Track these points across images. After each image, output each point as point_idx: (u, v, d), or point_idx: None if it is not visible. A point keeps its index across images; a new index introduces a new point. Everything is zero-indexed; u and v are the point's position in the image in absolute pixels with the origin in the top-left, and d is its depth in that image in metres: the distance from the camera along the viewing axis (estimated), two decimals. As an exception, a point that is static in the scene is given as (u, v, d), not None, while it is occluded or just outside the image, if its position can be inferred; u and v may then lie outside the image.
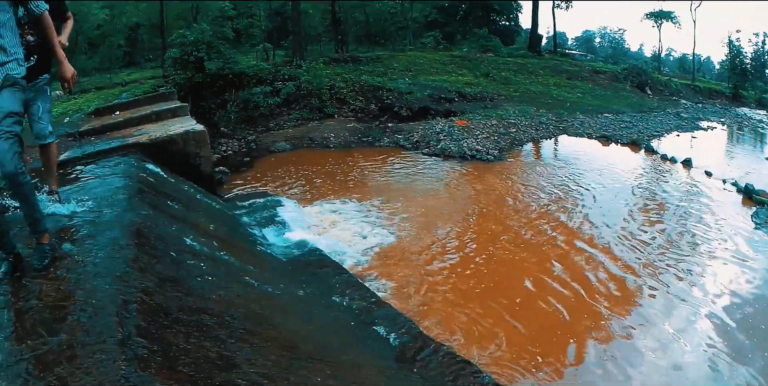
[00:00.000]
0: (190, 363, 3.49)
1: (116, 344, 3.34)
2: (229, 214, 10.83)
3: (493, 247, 10.81)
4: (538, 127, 22.54)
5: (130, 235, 5.47)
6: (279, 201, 12.92)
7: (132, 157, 9.54)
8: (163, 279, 4.82)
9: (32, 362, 3.29)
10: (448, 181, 15.70)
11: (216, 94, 26.64)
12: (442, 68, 32.35)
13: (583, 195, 14.02)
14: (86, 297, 3.99)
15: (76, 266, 4.60)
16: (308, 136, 22.71)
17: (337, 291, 7.61)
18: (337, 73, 28.72)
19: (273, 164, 19.62)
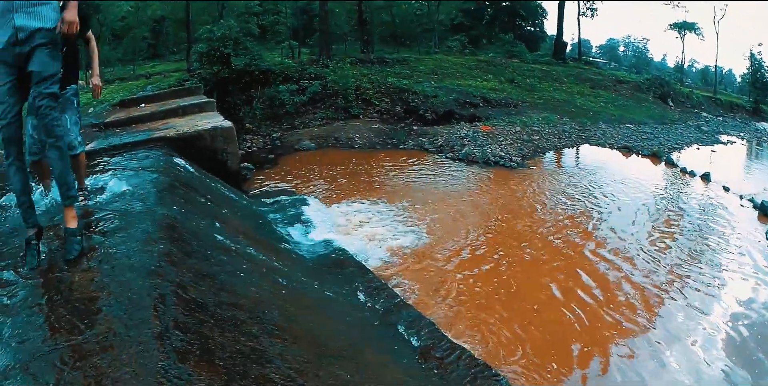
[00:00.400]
0: (226, 356, 3.60)
1: (155, 336, 3.42)
2: (255, 211, 10.88)
3: (514, 253, 10.84)
4: (561, 135, 22.53)
5: (163, 229, 5.57)
6: (304, 200, 13.05)
7: (160, 151, 9.71)
8: (197, 274, 4.88)
9: (68, 352, 3.36)
10: (472, 186, 15.72)
11: (242, 90, 26.83)
12: (467, 72, 32.33)
13: (604, 206, 13.96)
14: (122, 289, 4.09)
15: (109, 258, 4.72)
16: (333, 135, 22.88)
17: (361, 291, 7.71)
18: (363, 73, 28.83)
19: (297, 162, 19.73)
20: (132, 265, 4.55)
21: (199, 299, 4.34)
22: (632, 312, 8.56)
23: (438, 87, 27.68)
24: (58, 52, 5.05)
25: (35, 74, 4.81)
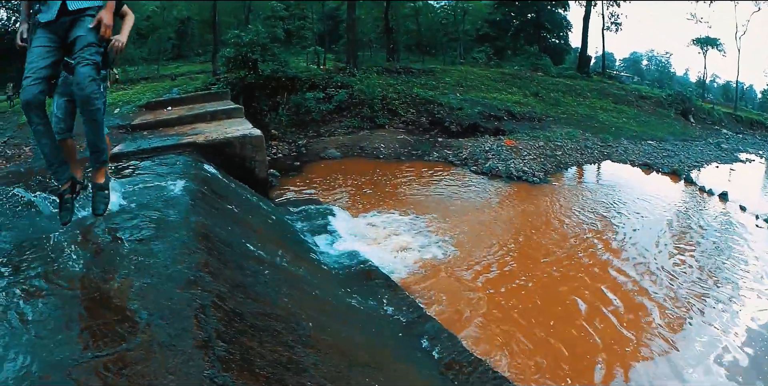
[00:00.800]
0: (265, 365, 3.73)
1: (198, 346, 3.55)
2: (283, 220, 10.90)
3: (535, 268, 11.03)
4: (584, 151, 22.62)
5: (198, 239, 5.63)
6: (331, 210, 13.07)
7: (189, 157, 9.84)
8: (234, 284, 4.97)
9: (112, 359, 3.41)
10: (495, 200, 15.88)
11: (268, 95, 27.08)
12: (492, 85, 32.47)
13: (624, 224, 14.09)
14: (162, 299, 4.17)
15: (147, 267, 4.76)
16: (359, 144, 23.08)
17: (386, 302, 7.85)
18: (389, 83, 29.05)
19: (323, 170, 19.96)
20: (170, 275, 4.65)
21: (237, 309, 4.46)
22: (651, 329, 8.76)
23: (463, 99, 27.79)
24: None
25: (80, 39, 4.98)
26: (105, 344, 3.52)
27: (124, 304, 4.17)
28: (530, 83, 34.01)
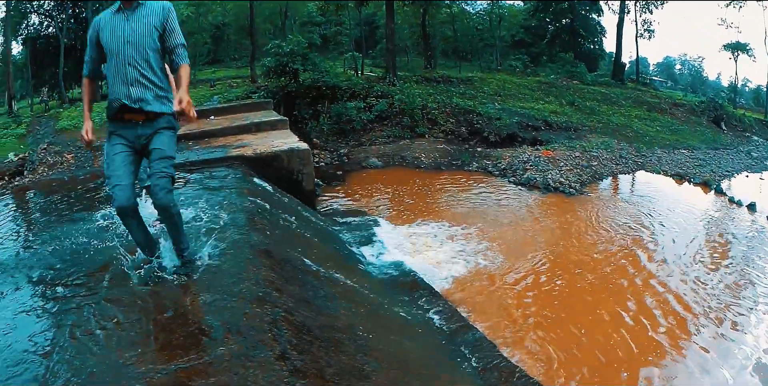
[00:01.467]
0: (334, 373, 4.13)
1: (276, 357, 3.90)
2: (331, 231, 11.21)
3: (572, 278, 11.26)
4: (619, 161, 22.76)
5: (260, 256, 6.05)
6: (375, 221, 13.52)
7: (238, 170, 10.20)
8: (297, 299, 5.34)
9: (196, 370, 3.74)
10: (533, 212, 16.15)
11: (309, 104, 27.45)
12: (530, 94, 32.66)
13: (657, 235, 14.12)
14: (235, 314, 4.50)
15: (218, 285, 5.14)
16: (399, 154, 23.46)
17: (430, 312, 8.12)
18: (429, 93, 29.34)
19: (365, 180, 20.38)
20: (241, 292, 4.99)
21: (304, 323, 4.83)
22: (685, 339, 8.95)
23: (501, 109, 28.02)
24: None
25: (156, 151, 5.22)
26: (187, 356, 3.90)
27: (201, 319, 4.56)
28: (566, 92, 34.09)
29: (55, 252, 6.59)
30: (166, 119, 5.21)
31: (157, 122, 5.16)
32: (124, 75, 5.10)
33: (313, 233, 9.31)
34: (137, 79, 5.10)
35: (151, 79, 5.15)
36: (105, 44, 5.18)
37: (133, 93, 5.09)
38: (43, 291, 5.44)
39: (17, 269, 6.15)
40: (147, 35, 5.13)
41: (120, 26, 5.13)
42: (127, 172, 5.11)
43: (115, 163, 5.13)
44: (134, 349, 4.02)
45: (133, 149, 5.20)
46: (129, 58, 5.08)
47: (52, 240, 7.05)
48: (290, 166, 11.96)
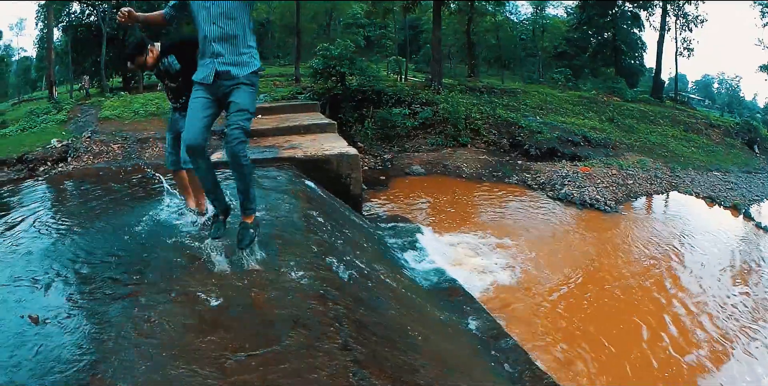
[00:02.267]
0: (389, 366, 4.37)
1: (340, 348, 4.17)
2: (377, 236, 11.37)
3: (602, 293, 11.70)
4: (653, 180, 22.77)
5: (321, 256, 6.30)
6: (418, 228, 13.62)
7: (290, 171, 10.43)
8: (355, 298, 5.60)
9: (268, 357, 4.00)
10: (569, 227, 16.41)
11: (354, 108, 27.96)
12: (570, 109, 32.85)
13: (686, 257, 14.40)
14: (300, 309, 4.78)
15: (281, 281, 5.37)
16: (442, 162, 23.91)
17: (468, 318, 8.36)
18: (473, 103, 29.61)
19: (408, 186, 20.84)
20: (303, 289, 5.25)
21: (361, 320, 5.09)
22: (704, 359, 9.32)
23: (543, 123, 28.24)
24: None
25: (233, 104, 5.54)
26: (258, 345, 4.17)
27: (268, 311, 4.85)
28: (606, 108, 34.14)
29: (125, 240, 6.87)
30: (247, 77, 5.57)
31: (237, 79, 5.54)
32: (212, 39, 5.52)
33: (362, 237, 9.60)
34: (226, 44, 5.51)
35: (236, 40, 5.56)
36: (196, 11, 5.59)
37: (215, 49, 5.50)
38: (112, 277, 5.68)
39: (90, 254, 6.47)
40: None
41: None
42: (201, 115, 5.60)
43: (192, 107, 5.66)
44: (206, 335, 4.40)
45: (213, 98, 5.64)
46: (214, 16, 5.46)
47: (120, 228, 7.35)
48: (339, 170, 12.21)
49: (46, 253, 6.66)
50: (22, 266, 6.12)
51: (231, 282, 5.29)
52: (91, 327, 4.56)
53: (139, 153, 18.86)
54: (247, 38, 5.57)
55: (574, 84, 45.81)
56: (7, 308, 5.04)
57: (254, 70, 5.60)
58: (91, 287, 5.40)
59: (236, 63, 5.50)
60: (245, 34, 5.55)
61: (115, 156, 19.38)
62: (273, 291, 5.17)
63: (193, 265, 5.74)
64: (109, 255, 6.18)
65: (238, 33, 5.49)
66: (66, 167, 18.51)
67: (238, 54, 5.51)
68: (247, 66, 5.53)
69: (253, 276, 5.43)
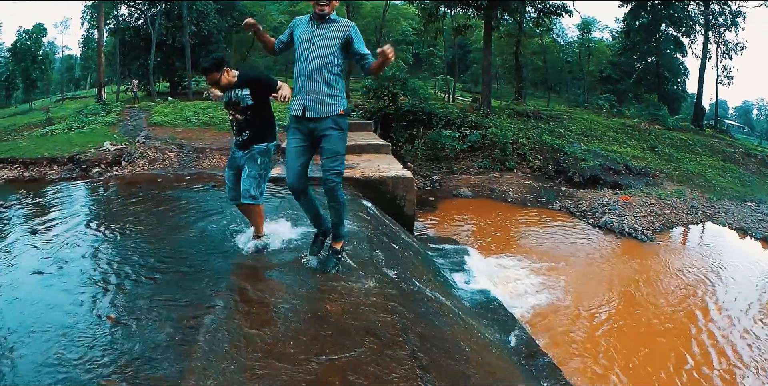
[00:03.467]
0: (447, 373, 4.81)
1: (407, 357, 4.58)
2: (428, 257, 11.60)
3: (635, 318, 11.99)
4: (689, 211, 22.78)
5: (384, 273, 6.78)
6: (465, 250, 14.03)
7: (347, 191, 10.21)
8: (415, 314, 6.02)
9: (345, 362, 4.43)
10: (607, 254, 16.58)
11: (405, 128, 28.50)
12: (614, 137, 33.05)
13: (718, 288, 14.36)
14: (370, 321, 5.25)
15: (352, 295, 5.87)
16: (489, 186, 24.28)
17: (509, 335, 8.88)
18: (520, 128, 30.20)
19: (455, 208, 21.35)
20: (372, 302, 5.75)
21: (423, 333, 5.52)
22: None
23: (587, 150, 28.49)
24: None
25: (326, 150, 6.04)
26: (337, 350, 4.59)
27: (345, 322, 5.22)
28: (648, 136, 34.25)
29: (203, 247, 7.62)
30: (334, 120, 5.99)
31: (326, 122, 5.97)
32: (305, 75, 5.98)
33: (415, 257, 9.93)
34: (316, 80, 5.95)
35: (327, 82, 5.97)
36: (296, 40, 6.15)
37: (307, 85, 5.97)
38: (191, 285, 6.24)
39: (163, 261, 7.11)
40: (330, 44, 5.94)
41: (310, 32, 6.02)
42: (298, 163, 6.09)
43: (290, 152, 6.11)
44: (289, 340, 4.82)
45: (308, 141, 6.09)
46: (313, 54, 5.93)
47: (195, 234, 8.23)
48: (394, 191, 12.63)
49: (133, 253, 7.60)
50: (97, 268, 7.01)
51: (311, 294, 5.90)
52: (174, 328, 5.10)
53: (196, 163, 18.96)
54: (337, 80, 6.05)
55: (618, 110, 45.96)
56: (88, 308, 5.72)
57: (340, 112, 6.04)
58: (168, 291, 6.08)
59: (324, 102, 5.97)
60: (336, 77, 6.04)
61: (171, 163, 19.33)
62: (347, 303, 5.68)
63: (276, 276, 6.42)
64: (187, 265, 6.89)
65: (329, 75, 5.98)
66: (121, 171, 18.70)
67: (327, 94, 5.97)
68: (333, 107, 5.99)
69: (330, 289, 6.03)
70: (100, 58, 39.94)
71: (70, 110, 35.59)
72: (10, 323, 5.37)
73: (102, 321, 5.35)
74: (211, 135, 24.56)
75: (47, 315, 5.56)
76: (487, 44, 36.17)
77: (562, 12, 34.76)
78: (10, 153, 21.12)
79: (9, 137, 28.00)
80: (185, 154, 20.22)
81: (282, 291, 6.01)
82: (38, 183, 17.42)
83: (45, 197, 14.46)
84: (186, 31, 48.52)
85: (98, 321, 5.36)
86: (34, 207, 12.95)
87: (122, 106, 34.29)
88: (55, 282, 6.59)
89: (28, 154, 20.75)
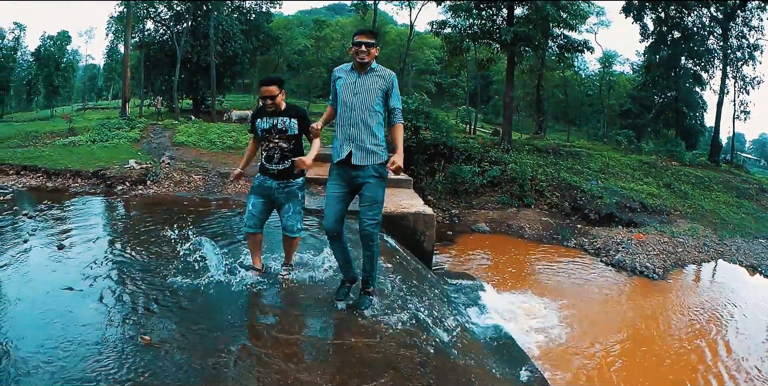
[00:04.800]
0: None
1: None
2: (444, 291, 11.73)
3: (644, 355, 12.21)
4: (701, 249, 22.79)
5: (404, 309, 7.13)
6: (481, 286, 14.07)
7: None
8: (433, 347, 6.45)
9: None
10: (619, 292, 16.88)
11: (426, 161, 28.85)
12: (630, 174, 33.17)
13: (728, 325, 14.63)
14: (391, 354, 5.70)
15: (376, 328, 6.24)
16: (506, 222, 24.47)
17: (520, 370, 8.95)
18: (539, 164, 30.41)
19: (473, 243, 21.56)
20: (393, 335, 6.10)
21: (438, 366, 5.98)
22: None
23: (604, 187, 28.62)
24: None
25: (365, 197, 6.19)
26: (359, 381, 5.06)
27: (367, 355, 5.61)
28: (664, 173, 34.33)
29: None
30: (375, 168, 6.18)
31: (368, 170, 6.15)
32: (348, 124, 6.19)
33: (432, 291, 10.12)
34: (359, 129, 6.16)
35: (370, 131, 6.20)
36: (339, 92, 6.29)
37: (350, 133, 6.18)
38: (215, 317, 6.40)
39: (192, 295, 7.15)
40: (372, 94, 6.16)
41: (352, 81, 6.22)
42: (337, 209, 6.26)
43: (330, 197, 6.27)
44: (314, 369, 5.16)
45: (348, 187, 6.26)
46: (354, 109, 6.15)
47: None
48: (415, 227, 12.81)
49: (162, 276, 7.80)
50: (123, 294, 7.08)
51: (338, 328, 6.25)
52: (204, 353, 5.33)
53: (221, 188, 18.77)
54: (379, 130, 6.26)
55: (636, 146, 46.11)
56: (121, 328, 5.90)
57: (382, 162, 6.21)
58: (198, 317, 6.33)
59: (367, 150, 6.17)
60: (378, 125, 6.26)
61: (197, 187, 19.17)
62: (369, 337, 5.97)
63: (303, 308, 6.81)
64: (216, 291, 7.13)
65: (372, 124, 6.21)
66: (146, 190, 18.42)
67: (370, 143, 6.17)
68: (377, 156, 6.20)
69: (355, 323, 6.31)
70: (125, 72, 40.40)
71: (92, 120, 36.12)
72: (47, 338, 5.60)
73: (137, 341, 5.60)
74: (235, 160, 24.31)
75: (81, 331, 5.81)
76: (510, 80, 36.61)
77: (583, 48, 35.03)
78: (33, 161, 21.27)
79: (30, 143, 28.33)
80: (210, 178, 20.14)
81: (309, 323, 6.44)
82: (60, 194, 17.52)
83: (70, 210, 14.63)
84: (212, 51, 49.46)
85: (132, 341, 5.61)
86: (59, 220, 13.11)
87: (146, 121, 34.81)
88: (86, 300, 6.86)
89: (51, 164, 20.83)
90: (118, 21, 59.96)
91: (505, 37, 31.76)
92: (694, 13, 48.61)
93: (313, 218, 12.21)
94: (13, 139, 30.25)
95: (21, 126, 39.90)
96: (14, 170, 20.80)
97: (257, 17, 61.27)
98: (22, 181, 19.72)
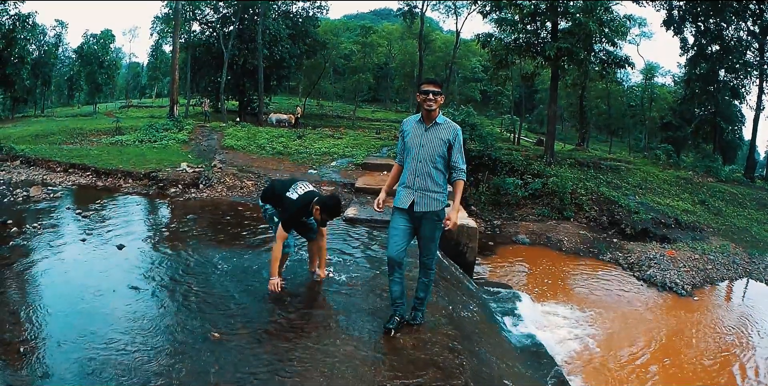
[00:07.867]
0: None
1: (463, 385, 5.56)
2: (483, 300, 12.13)
3: (670, 368, 12.58)
4: (730, 266, 22.77)
5: (448, 318, 7.59)
6: (518, 296, 14.30)
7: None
8: (470, 351, 6.80)
9: (415, 383, 5.33)
10: (648, 306, 17.33)
11: (470, 172, 27.77)
12: (667, 190, 33.11)
13: (750, 343, 14.79)
14: (435, 355, 6.14)
15: (423, 333, 6.68)
16: (546, 234, 25.10)
17: (547, 377, 9.28)
18: (580, 178, 30.61)
19: (512, 254, 22.25)
20: (436, 339, 6.50)
21: (475, 368, 6.30)
22: None
23: (641, 203, 28.75)
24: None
25: (425, 240, 6.51)
26: (407, 377, 5.58)
27: (414, 354, 6.11)
28: (700, 190, 34.26)
29: (289, 275, 8.44)
30: (436, 213, 6.43)
31: (429, 214, 6.41)
32: (414, 172, 6.44)
33: (471, 300, 10.49)
34: (423, 179, 6.40)
35: (433, 180, 6.44)
36: (406, 142, 6.55)
37: (415, 183, 6.43)
38: (278, 319, 7.05)
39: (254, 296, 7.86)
40: (437, 147, 6.38)
41: (419, 133, 6.49)
42: (401, 241, 6.50)
43: (395, 228, 6.54)
44: (369, 366, 5.70)
45: (411, 223, 6.51)
46: (421, 155, 6.41)
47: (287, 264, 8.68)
48: (459, 239, 13.05)
49: (223, 279, 8.49)
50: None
51: (392, 333, 6.63)
52: (272, 349, 5.96)
53: None
54: (441, 179, 6.49)
55: (675, 161, 45.92)
56: (190, 325, 6.52)
57: (442, 208, 6.46)
58: (261, 316, 7.05)
59: (430, 198, 6.42)
60: (441, 173, 6.49)
61: (250, 192, 19.47)
62: (417, 340, 6.47)
63: (357, 314, 7.30)
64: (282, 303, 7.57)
65: (436, 173, 6.45)
66: (199, 194, 18.63)
67: (433, 191, 6.42)
68: (438, 203, 6.45)
69: (405, 329, 6.77)
70: (174, 75, 41.07)
71: (138, 119, 37.57)
72: (125, 332, 6.31)
73: (207, 338, 6.22)
74: (286, 166, 25.15)
75: (151, 328, 6.49)
76: (553, 94, 37.38)
77: (625, 64, 35.42)
78: (82, 160, 21.87)
79: (76, 140, 29.41)
80: (262, 184, 20.10)
81: (363, 326, 6.95)
82: (111, 193, 18.19)
83: (123, 210, 15.23)
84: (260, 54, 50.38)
85: (203, 338, 6.23)
86: (113, 220, 13.69)
87: (193, 123, 35.66)
88: (152, 299, 7.53)
89: (101, 163, 21.37)
90: (163, 21, 61.11)
91: (549, 51, 32.20)
92: (732, 26, 48.35)
93: (362, 227, 12.76)
94: (57, 135, 31.26)
95: (64, 122, 41.56)
96: (62, 168, 21.37)
97: (304, 22, 62.07)
98: (70, 178, 20.34)
